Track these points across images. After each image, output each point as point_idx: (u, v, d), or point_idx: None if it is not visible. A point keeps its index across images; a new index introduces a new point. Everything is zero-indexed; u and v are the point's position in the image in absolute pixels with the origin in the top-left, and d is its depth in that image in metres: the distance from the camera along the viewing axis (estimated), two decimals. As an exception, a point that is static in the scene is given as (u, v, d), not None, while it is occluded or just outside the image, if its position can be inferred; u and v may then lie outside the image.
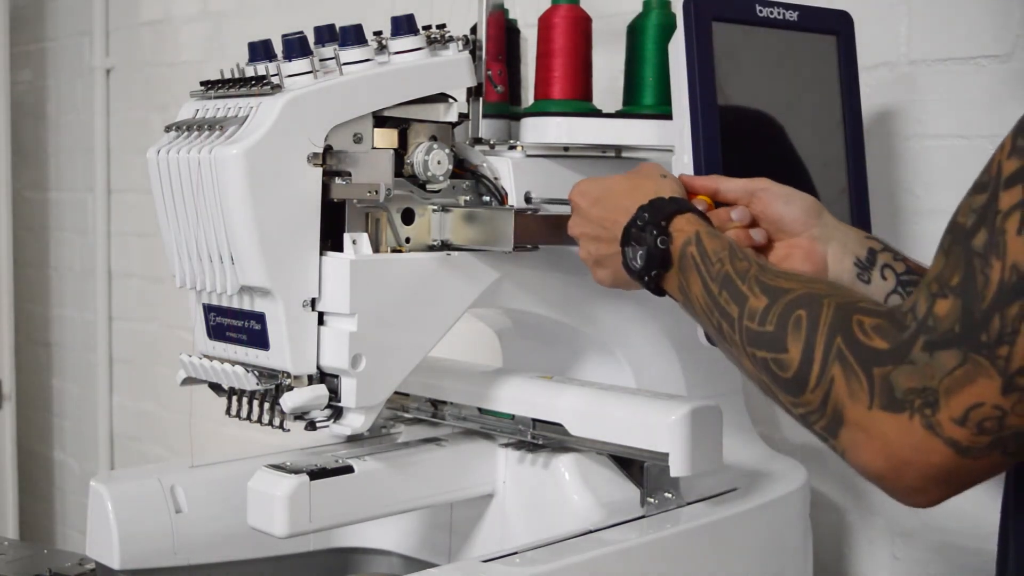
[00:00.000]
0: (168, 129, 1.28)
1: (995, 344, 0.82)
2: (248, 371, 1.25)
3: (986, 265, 0.83)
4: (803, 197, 1.23)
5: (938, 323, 0.85)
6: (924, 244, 1.57)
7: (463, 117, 1.39)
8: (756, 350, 0.97)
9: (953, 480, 0.86)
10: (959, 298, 0.84)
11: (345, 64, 1.25)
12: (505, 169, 1.36)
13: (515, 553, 1.17)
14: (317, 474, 1.25)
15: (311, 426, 1.26)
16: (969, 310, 0.83)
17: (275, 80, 1.21)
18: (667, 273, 1.14)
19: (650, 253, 1.14)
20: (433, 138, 1.31)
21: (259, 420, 1.28)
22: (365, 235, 1.25)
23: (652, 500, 1.32)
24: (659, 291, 1.16)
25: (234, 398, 1.30)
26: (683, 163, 1.30)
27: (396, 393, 1.42)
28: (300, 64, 1.23)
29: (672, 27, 1.36)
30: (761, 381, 0.98)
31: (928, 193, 1.60)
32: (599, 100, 1.46)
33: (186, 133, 1.25)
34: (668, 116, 1.35)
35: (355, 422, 1.26)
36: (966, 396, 0.83)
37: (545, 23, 1.44)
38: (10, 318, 3.15)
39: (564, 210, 1.34)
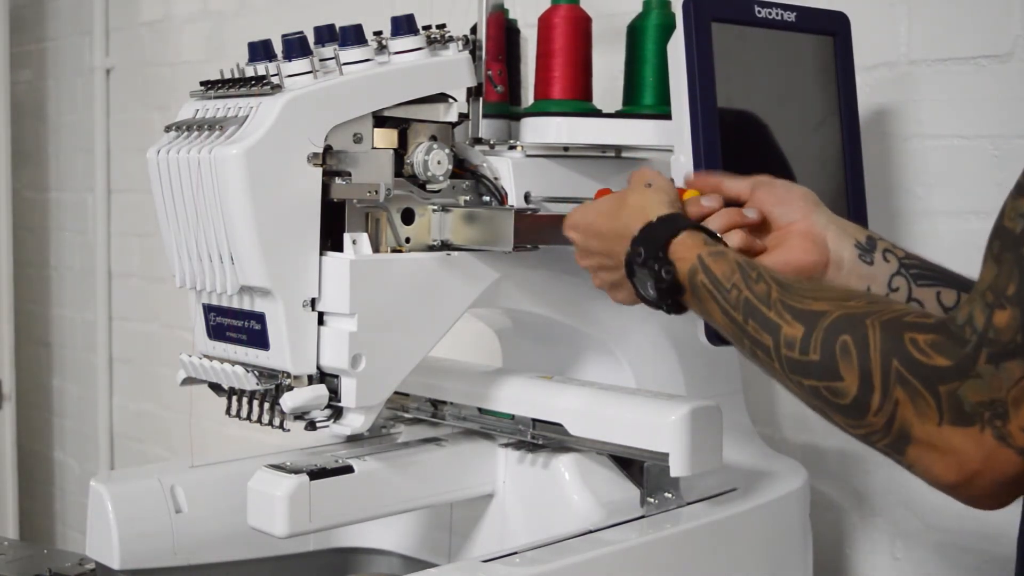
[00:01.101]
0: (168, 129, 1.28)
1: None
2: (248, 371, 1.25)
3: None
4: (800, 187, 1.23)
5: (999, 334, 0.85)
6: (924, 244, 1.57)
7: (463, 117, 1.39)
8: (803, 379, 0.96)
9: (1022, 483, 0.88)
10: (1017, 308, 0.84)
11: (345, 64, 1.25)
12: (505, 169, 1.36)
13: (515, 553, 1.17)
14: (317, 474, 1.25)
15: (311, 426, 1.26)
16: None
17: (275, 80, 1.21)
18: (683, 296, 1.12)
19: (658, 286, 1.12)
20: (433, 138, 1.31)
21: (259, 420, 1.28)
22: (365, 235, 1.25)
23: (652, 500, 1.32)
24: (681, 311, 1.15)
25: (234, 398, 1.30)
26: (681, 163, 1.30)
27: (396, 393, 1.41)
28: (300, 64, 1.23)
29: (672, 27, 1.36)
30: (813, 405, 0.97)
31: (928, 193, 1.60)
32: (599, 100, 1.47)
33: (186, 133, 1.25)
34: (668, 116, 1.35)
35: (355, 422, 1.26)
36: None
37: (545, 23, 1.44)
38: (10, 318, 3.15)
39: (564, 209, 1.34)
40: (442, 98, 1.33)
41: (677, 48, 1.30)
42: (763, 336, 1.00)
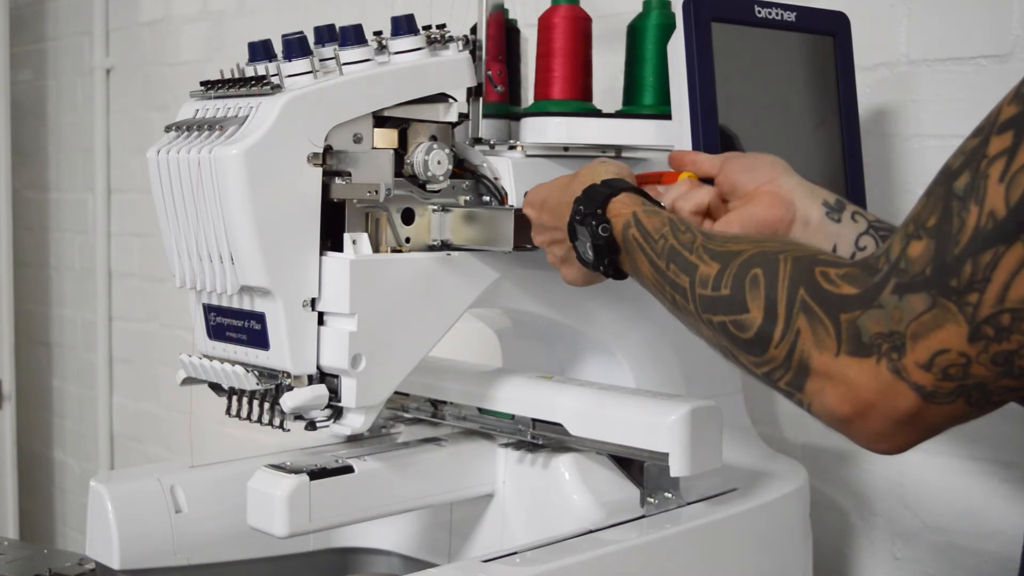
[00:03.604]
0: (168, 129, 1.28)
1: (965, 290, 0.80)
2: (248, 371, 1.25)
3: (964, 209, 0.81)
4: (769, 155, 1.24)
5: (910, 265, 0.83)
6: (924, 244, 1.57)
7: (463, 117, 1.39)
8: (713, 315, 0.96)
9: (918, 426, 0.85)
10: (933, 240, 0.83)
11: (345, 64, 1.25)
12: (505, 169, 1.36)
13: (515, 553, 1.17)
14: (317, 474, 1.25)
15: (311, 426, 1.26)
16: (942, 253, 0.82)
17: (275, 80, 1.21)
18: (619, 257, 1.14)
19: (595, 243, 1.14)
20: (433, 138, 1.31)
21: (259, 420, 1.28)
22: (365, 235, 1.25)
23: (652, 500, 1.32)
24: (619, 275, 1.16)
25: (234, 398, 1.30)
26: (683, 163, 1.30)
27: (396, 393, 1.41)
28: (300, 64, 1.23)
29: (672, 27, 1.36)
30: (721, 346, 0.97)
31: (928, 193, 1.60)
32: (599, 100, 1.47)
33: (186, 133, 1.25)
34: (668, 116, 1.35)
35: (355, 422, 1.26)
36: (932, 341, 0.82)
37: (545, 23, 1.44)
38: (10, 318, 3.15)
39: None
40: (442, 98, 1.33)
41: (677, 48, 1.30)
42: (681, 278, 1.01)
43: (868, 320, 0.85)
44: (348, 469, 1.29)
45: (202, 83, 1.29)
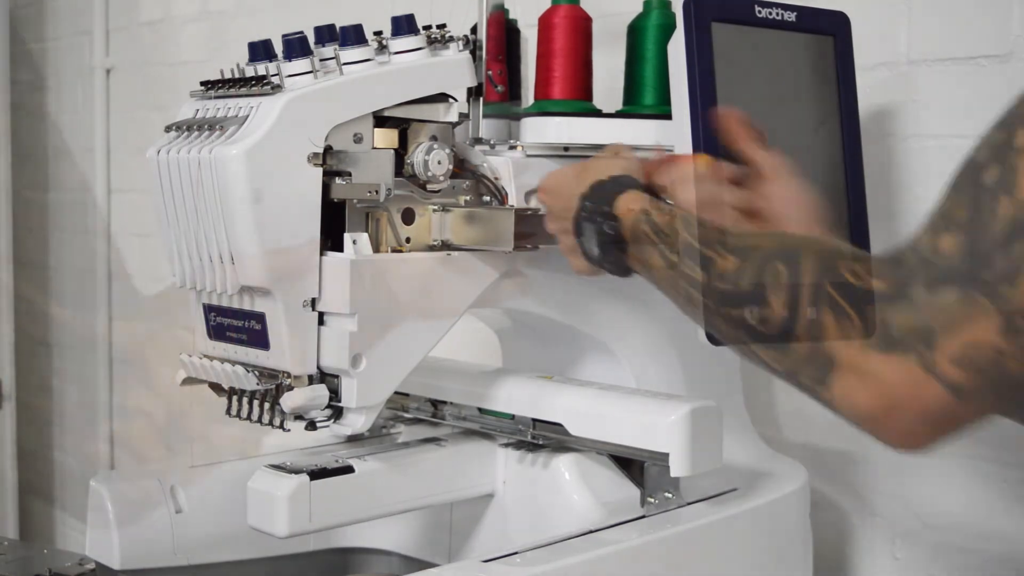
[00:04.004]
0: (168, 129, 1.28)
1: (997, 282, 0.79)
2: (248, 371, 1.25)
3: (994, 201, 0.79)
4: None
5: (940, 258, 0.82)
6: (924, 244, 1.56)
7: (463, 117, 1.39)
8: (732, 310, 0.94)
9: (946, 423, 0.84)
10: (964, 233, 0.81)
11: (345, 64, 1.25)
12: (505, 169, 1.36)
13: (515, 553, 1.17)
14: (317, 474, 1.25)
15: (311, 426, 1.26)
16: (973, 246, 0.80)
17: (275, 80, 1.21)
18: (626, 254, 1.13)
19: (602, 241, 1.13)
20: (433, 138, 1.31)
21: (259, 420, 1.28)
22: (365, 235, 1.25)
23: (652, 500, 1.32)
24: (625, 272, 1.15)
25: (234, 398, 1.30)
26: (683, 163, 1.30)
27: (396, 393, 1.41)
28: (300, 64, 1.22)
29: (672, 27, 1.36)
30: (740, 339, 0.95)
31: (928, 193, 1.60)
32: (599, 100, 1.47)
33: (186, 133, 1.25)
34: (668, 116, 1.35)
35: (355, 422, 1.26)
36: (964, 335, 0.80)
37: (545, 23, 1.44)
38: (10, 318, 3.15)
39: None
40: (442, 98, 1.33)
41: (677, 48, 1.30)
42: (697, 273, 0.99)
43: (898, 315, 0.83)
44: (348, 469, 1.29)
45: (202, 83, 1.29)
